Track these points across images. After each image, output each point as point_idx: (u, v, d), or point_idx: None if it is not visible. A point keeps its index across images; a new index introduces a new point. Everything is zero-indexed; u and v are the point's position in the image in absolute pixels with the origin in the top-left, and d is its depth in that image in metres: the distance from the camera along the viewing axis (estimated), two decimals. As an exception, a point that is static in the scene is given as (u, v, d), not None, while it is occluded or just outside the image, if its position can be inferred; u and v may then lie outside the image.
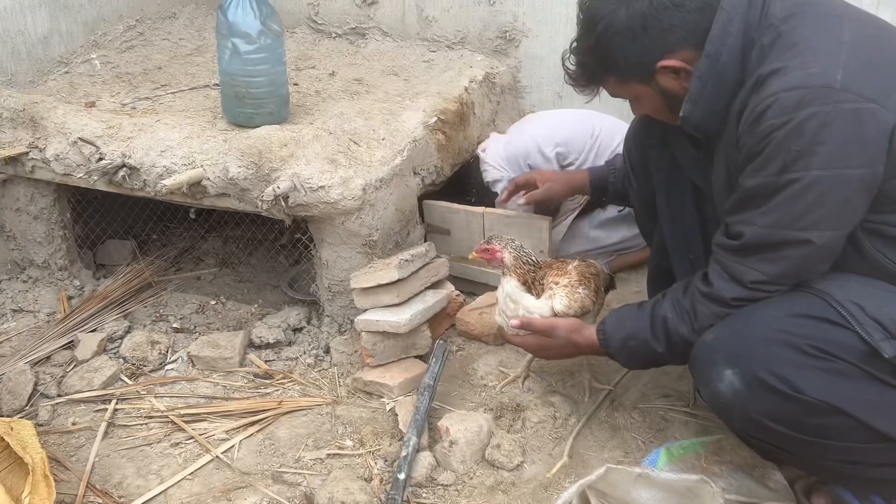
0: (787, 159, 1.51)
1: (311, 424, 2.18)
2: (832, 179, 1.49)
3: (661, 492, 1.65)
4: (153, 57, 3.31)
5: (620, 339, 1.83)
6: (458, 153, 2.88)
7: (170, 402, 2.29)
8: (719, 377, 1.55)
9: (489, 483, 1.93)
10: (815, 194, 1.51)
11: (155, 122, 2.62)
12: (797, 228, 1.54)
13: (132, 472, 2.02)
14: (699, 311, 1.68)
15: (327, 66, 3.24)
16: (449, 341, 2.49)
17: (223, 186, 2.42)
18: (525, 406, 2.17)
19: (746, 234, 1.60)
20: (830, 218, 1.53)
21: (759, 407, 1.52)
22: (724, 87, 1.65)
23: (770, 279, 1.60)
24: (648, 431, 2.07)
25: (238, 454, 2.08)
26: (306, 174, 2.33)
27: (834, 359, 1.49)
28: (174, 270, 3.05)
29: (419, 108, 2.74)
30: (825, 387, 1.47)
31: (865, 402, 1.48)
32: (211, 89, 2.97)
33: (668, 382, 2.25)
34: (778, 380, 1.48)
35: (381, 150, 2.51)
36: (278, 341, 2.53)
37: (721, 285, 1.65)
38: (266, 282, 3.00)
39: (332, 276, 2.49)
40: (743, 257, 1.62)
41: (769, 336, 1.52)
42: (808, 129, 1.48)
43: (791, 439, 1.53)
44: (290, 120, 2.66)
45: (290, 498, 1.92)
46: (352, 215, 2.35)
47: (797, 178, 1.51)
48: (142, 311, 2.75)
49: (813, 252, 1.56)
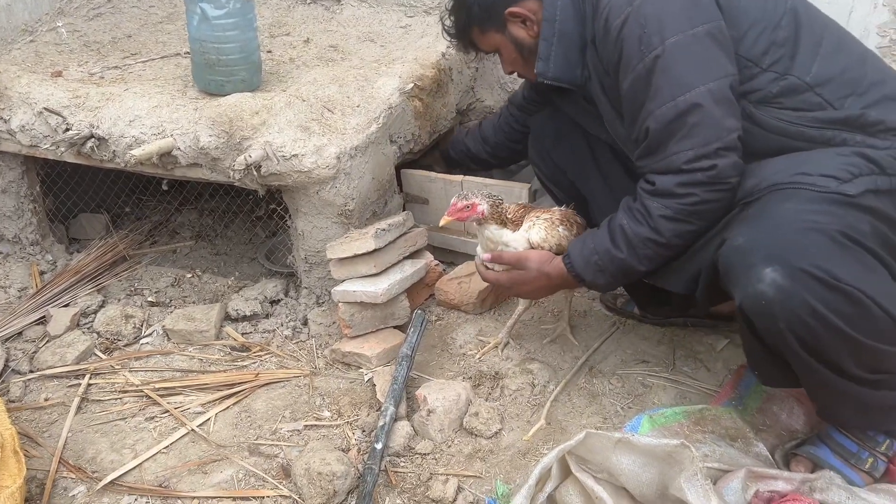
0: (642, 44, 1.66)
1: (288, 396, 2.16)
2: (687, 41, 1.64)
3: (641, 457, 1.64)
4: (122, 25, 3.22)
5: (584, 256, 1.86)
6: (436, 120, 2.83)
7: (144, 377, 2.26)
8: (759, 278, 1.51)
9: (467, 451, 1.92)
10: (681, 57, 1.64)
11: (123, 91, 2.55)
12: (684, 92, 1.63)
13: (106, 446, 2.00)
14: (650, 207, 1.73)
15: (302, 32, 3.17)
16: (428, 311, 2.47)
17: (194, 156, 2.36)
18: (503, 374, 2.16)
19: (651, 126, 1.68)
20: (703, 71, 1.64)
21: (803, 298, 1.49)
22: (569, 38, 1.86)
23: (696, 152, 1.65)
24: (627, 397, 2.07)
25: (214, 427, 2.06)
26: (279, 142, 2.28)
27: (858, 246, 1.52)
28: (149, 244, 3.00)
29: (395, 75, 2.68)
30: (855, 274, 1.49)
31: (882, 290, 1.51)
32: (182, 57, 2.90)
33: (647, 348, 2.24)
34: (819, 269, 1.47)
35: (355, 117, 2.45)
36: (255, 314, 2.50)
37: (661, 179, 1.71)
38: (243, 254, 2.96)
39: (309, 247, 2.46)
40: (661, 150, 1.69)
41: (802, 227, 1.53)
42: (646, 11, 1.66)
43: (832, 332, 1.50)
44: (263, 88, 2.60)
45: (267, 470, 1.90)
46: (326, 184, 2.31)
47: (658, 53, 1.65)
48: (116, 285, 2.71)
49: (709, 109, 1.63)
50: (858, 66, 1.72)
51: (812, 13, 1.77)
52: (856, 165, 1.60)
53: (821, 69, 1.69)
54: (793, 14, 1.72)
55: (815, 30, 1.73)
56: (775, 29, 1.70)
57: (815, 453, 1.74)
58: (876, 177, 1.60)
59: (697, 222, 1.72)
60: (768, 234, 1.55)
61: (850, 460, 1.70)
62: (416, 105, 2.68)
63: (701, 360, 2.19)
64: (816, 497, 1.66)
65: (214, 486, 1.86)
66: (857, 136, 1.65)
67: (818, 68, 1.69)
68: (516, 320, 2.31)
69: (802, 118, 1.69)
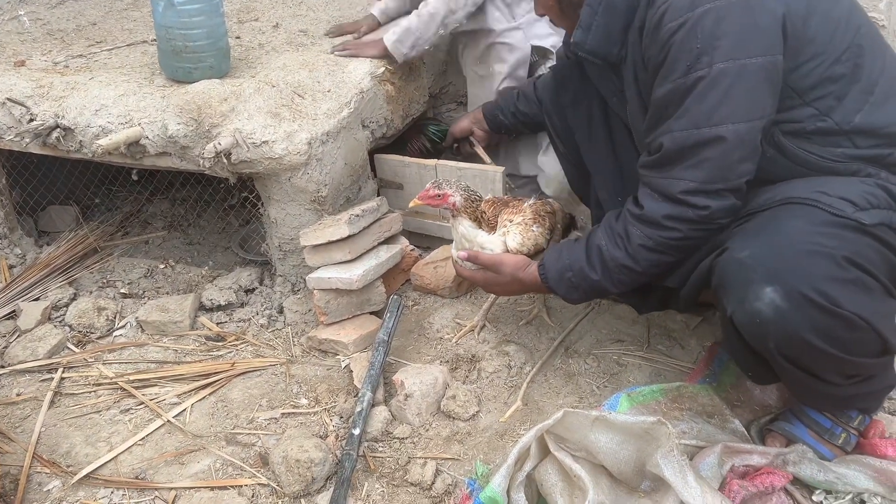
0: (690, 59, 1.54)
1: (265, 385, 2.15)
2: (736, 71, 1.52)
3: (619, 434, 1.66)
4: (87, 12, 3.16)
5: (558, 271, 1.83)
6: (408, 104, 2.82)
7: (119, 369, 2.24)
8: (757, 296, 1.49)
9: (445, 434, 1.92)
10: (723, 88, 1.53)
11: (89, 80, 2.50)
12: (711, 125, 1.55)
13: (80, 440, 1.97)
14: (632, 234, 1.68)
15: (271, 17, 3.13)
16: (404, 296, 2.47)
17: (163, 145, 2.33)
18: (480, 357, 2.16)
19: (665, 144, 1.61)
20: (739, 110, 1.54)
21: (799, 322, 1.47)
22: (617, 12, 1.72)
23: (698, 186, 1.59)
24: (603, 377, 2.08)
25: (190, 418, 2.04)
26: (249, 129, 2.25)
27: (860, 271, 1.49)
28: (121, 235, 2.96)
29: (366, 59, 2.65)
30: (857, 300, 1.46)
31: (882, 314, 1.51)
32: (149, 45, 2.86)
33: (623, 327, 2.26)
34: (819, 294, 1.45)
35: (326, 102, 2.43)
36: (230, 303, 2.48)
37: (651, 206, 1.65)
38: (217, 243, 2.93)
39: (282, 235, 2.43)
40: (667, 169, 1.62)
41: (808, 249, 1.48)
42: (705, 25, 1.52)
43: (819, 354, 1.50)
44: (232, 74, 2.56)
45: (245, 459, 1.89)
46: (298, 171, 2.29)
47: (702, 74, 1.54)
48: (87, 277, 2.67)
49: (730, 148, 1.56)
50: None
51: (877, 50, 1.65)
52: (876, 196, 1.56)
53: (864, 119, 1.60)
54: (857, 50, 1.60)
55: (874, 72, 1.62)
56: (833, 63, 1.59)
57: (790, 430, 1.76)
58: (892, 213, 1.56)
59: (676, 255, 1.70)
60: (773, 251, 1.51)
61: (823, 436, 1.73)
62: (388, 89, 2.66)
63: (675, 338, 2.21)
64: (789, 470, 1.69)
65: (192, 477, 1.85)
66: (882, 173, 1.62)
67: (861, 118, 1.60)
68: (492, 303, 2.31)
69: (831, 153, 1.63)
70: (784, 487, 1.67)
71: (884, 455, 1.70)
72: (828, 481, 1.67)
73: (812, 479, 1.68)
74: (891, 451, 1.70)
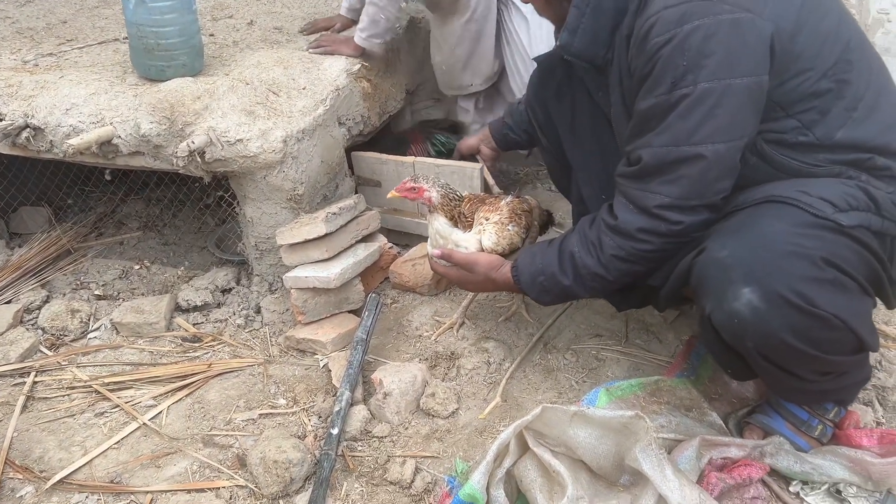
0: (675, 75, 1.52)
1: (242, 385, 2.13)
2: (720, 91, 1.51)
3: (597, 429, 1.66)
4: (57, 10, 3.11)
5: (531, 274, 1.84)
6: (385, 101, 2.80)
7: (93, 372, 2.21)
8: (735, 296, 1.49)
9: (424, 431, 1.91)
10: (706, 107, 1.52)
11: (59, 78, 2.46)
12: (691, 143, 1.54)
13: (54, 445, 1.94)
14: (605, 244, 1.69)
15: (245, 14, 3.10)
16: (383, 294, 2.45)
17: (136, 144, 2.30)
18: (459, 354, 2.16)
19: (644, 158, 1.60)
20: (721, 130, 1.53)
21: (776, 323, 1.47)
22: (605, 15, 1.69)
23: (673, 201, 1.59)
24: (581, 371, 2.08)
25: (167, 420, 2.02)
26: (223, 127, 2.23)
27: (838, 271, 1.48)
28: (94, 236, 2.92)
29: (342, 56, 2.64)
30: (835, 301, 1.46)
31: (859, 314, 1.51)
32: (121, 43, 2.82)
33: (601, 322, 2.26)
34: (797, 295, 1.45)
35: (302, 99, 2.41)
36: (206, 303, 2.45)
37: (625, 217, 1.66)
38: (193, 243, 2.90)
39: (259, 234, 2.41)
40: (644, 182, 1.62)
41: (786, 249, 1.48)
42: (693, 42, 1.50)
43: (795, 353, 1.51)
44: (206, 72, 2.53)
45: (222, 460, 1.87)
46: (274, 169, 2.26)
47: (687, 92, 1.52)
48: (61, 279, 2.63)
49: (708, 167, 1.55)
50: (886, 132, 1.61)
51: (864, 64, 1.62)
52: (856, 198, 1.55)
53: (845, 134, 1.59)
54: (845, 65, 1.58)
55: (860, 87, 1.60)
56: (820, 79, 1.57)
57: (767, 423, 1.77)
58: (871, 215, 1.55)
59: (647, 266, 1.70)
60: (752, 251, 1.50)
61: (800, 428, 1.74)
62: (364, 86, 2.64)
63: (653, 332, 2.21)
64: (767, 462, 1.70)
65: (168, 480, 1.83)
66: (862, 175, 1.60)
67: (843, 133, 1.59)
68: (471, 300, 2.31)
69: (813, 159, 1.62)
70: (761, 479, 1.68)
71: (859, 445, 1.72)
72: (804, 472, 1.68)
73: (789, 471, 1.69)
74: (865, 442, 1.72)
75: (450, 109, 3.32)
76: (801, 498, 1.67)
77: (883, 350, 2.07)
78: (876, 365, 2.00)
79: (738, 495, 1.64)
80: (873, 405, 1.88)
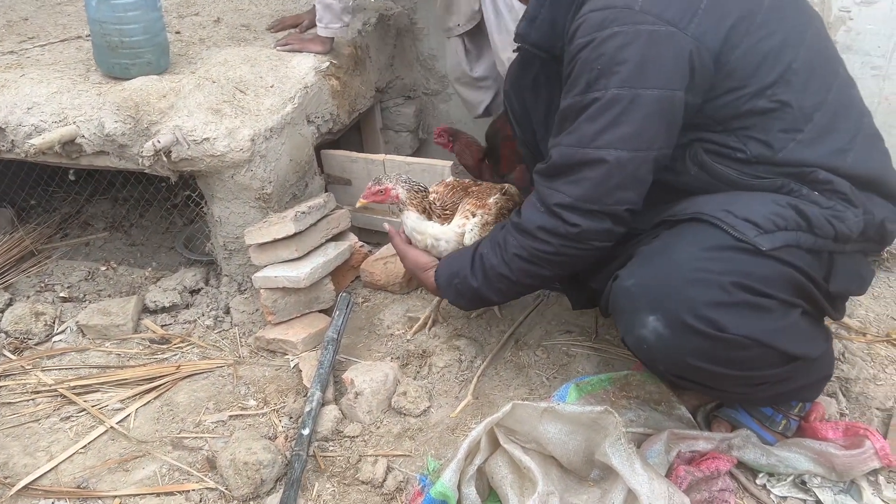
0: (590, 78, 1.53)
1: (211, 387, 2.10)
2: (628, 99, 1.51)
3: (567, 425, 1.67)
4: (18, 7, 3.05)
5: (447, 276, 1.86)
6: (354, 99, 2.79)
7: (58, 375, 2.17)
8: (642, 324, 1.52)
9: (396, 430, 1.91)
10: (613, 113, 1.52)
11: (20, 76, 2.41)
12: (594, 147, 1.55)
13: (18, 450, 1.91)
14: (509, 242, 1.71)
15: (212, 12, 3.06)
16: (354, 293, 2.44)
17: (100, 144, 2.26)
18: (431, 352, 2.16)
19: (553, 156, 1.62)
20: (626, 138, 1.53)
21: (683, 349, 1.50)
22: (561, 7, 1.69)
23: (571, 201, 1.59)
24: (552, 368, 2.09)
25: (134, 423, 1.99)
26: (189, 126, 2.20)
27: (750, 293, 1.48)
28: (59, 237, 2.87)
29: (310, 54, 2.62)
30: (746, 322, 1.46)
31: (778, 330, 1.51)
32: (84, 40, 2.77)
33: (571, 318, 2.27)
34: (702, 321, 1.46)
35: (269, 97, 2.39)
36: (174, 304, 2.42)
37: (528, 215, 1.67)
38: (160, 244, 2.86)
39: (227, 234, 2.39)
40: (550, 180, 1.63)
41: (691, 276, 1.48)
42: (609, 48, 1.50)
43: (711, 374, 1.55)
44: (172, 70, 2.50)
45: (192, 463, 1.85)
46: (241, 168, 2.24)
47: (598, 96, 1.52)
48: (24, 281, 2.58)
49: (609, 172, 1.55)
50: (835, 156, 1.58)
51: (817, 84, 1.58)
52: (784, 218, 1.52)
53: (787, 157, 1.57)
54: (784, 86, 1.55)
55: (805, 107, 1.56)
56: (754, 97, 1.55)
57: (734, 416, 1.80)
58: (800, 233, 1.52)
59: (551, 269, 1.71)
60: (657, 279, 1.52)
61: (765, 423, 1.77)
62: (333, 84, 2.62)
63: (623, 327, 2.23)
64: (734, 455, 1.72)
65: (137, 484, 1.80)
66: (803, 189, 1.58)
67: (784, 155, 1.57)
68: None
69: (755, 170, 1.60)
70: (729, 471, 1.71)
71: (824, 438, 1.75)
72: (770, 465, 1.71)
73: (756, 463, 1.72)
74: (830, 434, 1.75)
75: (421, 107, 3.32)
76: (768, 490, 1.70)
77: (846, 342, 2.11)
78: (839, 357, 2.03)
79: (706, 488, 1.67)
80: (837, 397, 1.91)
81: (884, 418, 1.87)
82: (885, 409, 1.89)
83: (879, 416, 1.88)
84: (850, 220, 1.55)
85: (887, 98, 2.45)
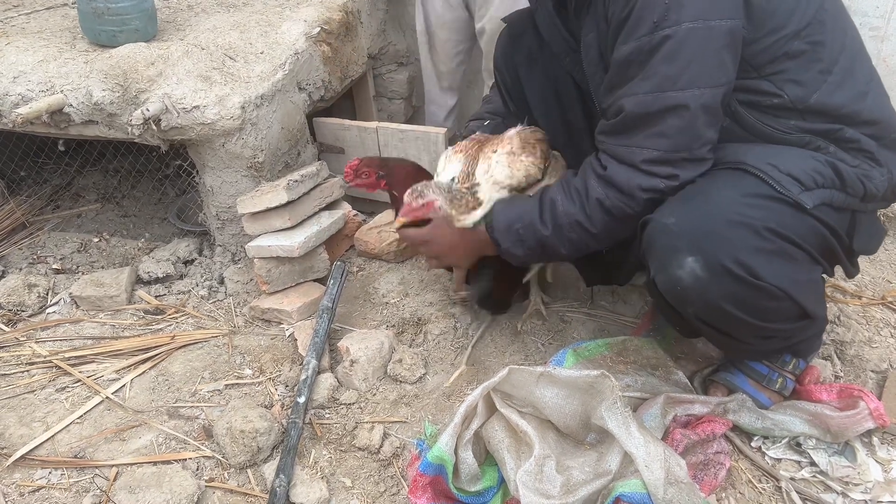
0: (657, 15, 1.45)
1: (207, 357, 2.10)
2: (703, 31, 1.45)
3: (564, 389, 1.67)
4: (1, -25, 2.98)
5: (507, 221, 1.71)
6: (346, 65, 2.75)
7: (53, 347, 2.16)
8: (679, 264, 1.48)
9: (392, 397, 1.91)
10: (691, 49, 1.46)
11: (5, 45, 2.37)
12: (678, 89, 1.47)
13: (14, 421, 1.90)
14: (591, 189, 1.59)
15: (200, -22, 3.00)
16: (348, 262, 2.43)
17: (88, 113, 2.22)
18: (426, 319, 2.15)
19: (628, 107, 1.51)
20: (705, 74, 1.47)
21: (718, 293, 1.48)
22: None
23: (661, 155, 1.51)
24: (548, 334, 2.09)
25: (130, 393, 1.99)
26: (178, 94, 2.16)
27: (783, 240, 1.48)
28: (51, 209, 2.85)
29: (300, 19, 2.57)
30: (779, 272, 1.46)
31: (804, 284, 1.52)
32: (70, 8, 2.72)
33: (566, 283, 2.26)
34: (740, 267, 1.45)
35: (260, 64, 2.35)
36: (168, 275, 2.41)
37: (615, 169, 1.56)
38: (153, 214, 2.84)
39: (220, 203, 2.37)
40: (628, 136, 1.54)
41: (732, 219, 1.46)
42: None
43: (736, 321, 1.53)
44: (160, 37, 2.46)
45: (188, 432, 1.85)
46: (232, 136, 2.21)
47: (670, 33, 1.45)
48: (16, 253, 2.56)
49: (695, 116, 1.48)
50: (858, 100, 1.58)
51: (838, 27, 1.58)
52: (823, 175, 1.53)
53: (819, 99, 1.55)
54: (818, 26, 1.53)
55: (834, 49, 1.55)
56: (792, 39, 1.52)
57: (730, 380, 1.80)
58: (835, 192, 1.53)
59: (631, 227, 1.61)
60: (698, 220, 1.48)
61: (761, 382, 1.77)
62: (324, 50, 2.58)
63: (618, 293, 2.23)
64: (730, 418, 1.73)
65: (133, 453, 1.80)
66: (830, 147, 1.57)
67: (817, 98, 1.55)
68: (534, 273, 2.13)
69: (784, 125, 1.58)
70: (724, 434, 1.72)
71: (818, 400, 1.75)
72: (765, 428, 1.72)
73: (751, 426, 1.73)
74: (825, 396, 1.75)
75: (414, 74, 3.28)
76: (763, 452, 1.71)
77: (841, 305, 2.11)
78: (834, 320, 2.03)
79: (701, 450, 1.67)
80: (832, 359, 1.92)
81: (878, 381, 1.88)
82: (880, 372, 1.90)
83: (874, 379, 1.88)
84: (876, 180, 1.57)
85: (885, 59, 2.42)
